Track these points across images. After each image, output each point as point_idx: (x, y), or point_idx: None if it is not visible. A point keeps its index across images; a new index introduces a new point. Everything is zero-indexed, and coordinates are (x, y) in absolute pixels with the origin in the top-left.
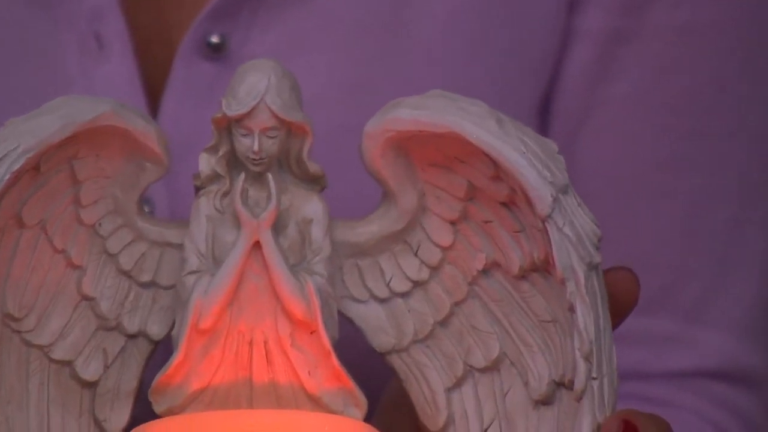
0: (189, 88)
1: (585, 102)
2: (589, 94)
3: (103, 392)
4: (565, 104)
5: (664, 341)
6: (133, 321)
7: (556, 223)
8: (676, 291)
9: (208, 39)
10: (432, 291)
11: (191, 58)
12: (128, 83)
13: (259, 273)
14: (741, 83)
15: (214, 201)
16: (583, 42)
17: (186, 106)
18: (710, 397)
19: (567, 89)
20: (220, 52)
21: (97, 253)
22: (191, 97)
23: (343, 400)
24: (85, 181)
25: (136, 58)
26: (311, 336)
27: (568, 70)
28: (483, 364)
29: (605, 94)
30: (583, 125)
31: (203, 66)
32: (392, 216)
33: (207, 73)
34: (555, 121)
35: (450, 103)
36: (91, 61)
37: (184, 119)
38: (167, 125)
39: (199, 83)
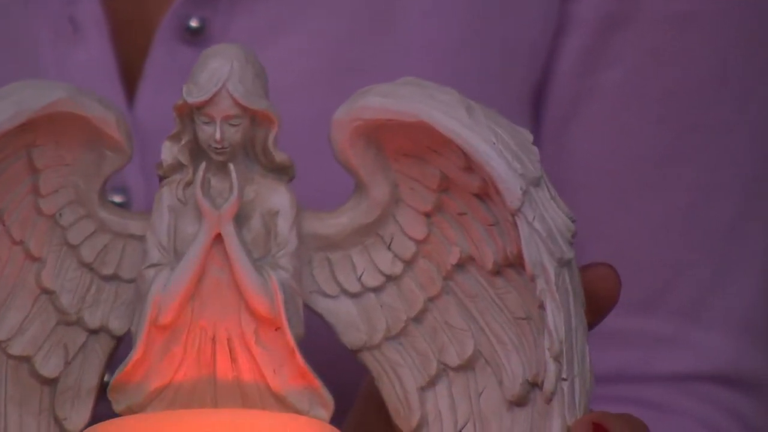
0: (167, 73)
1: (578, 91)
2: (582, 82)
3: (63, 390)
4: (557, 93)
5: (659, 343)
6: (95, 316)
7: (525, 217)
8: (672, 290)
9: (187, 23)
10: (405, 286)
11: (170, 43)
12: (105, 69)
13: (222, 267)
14: (741, 75)
15: (176, 191)
16: (576, 29)
17: (164, 91)
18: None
19: (560, 78)
20: (199, 36)
21: (57, 244)
22: (169, 83)
23: (309, 400)
24: (44, 170)
25: (113, 43)
26: (275, 333)
27: (562, 57)
28: (457, 363)
29: (598, 82)
30: (576, 115)
31: (182, 50)
32: (363, 208)
33: (186, 57)
34: (547, 110)
35: (419, 91)
36: (66, 45)
37: (162, 105)
38: (144, 111)
39: (178, 68)
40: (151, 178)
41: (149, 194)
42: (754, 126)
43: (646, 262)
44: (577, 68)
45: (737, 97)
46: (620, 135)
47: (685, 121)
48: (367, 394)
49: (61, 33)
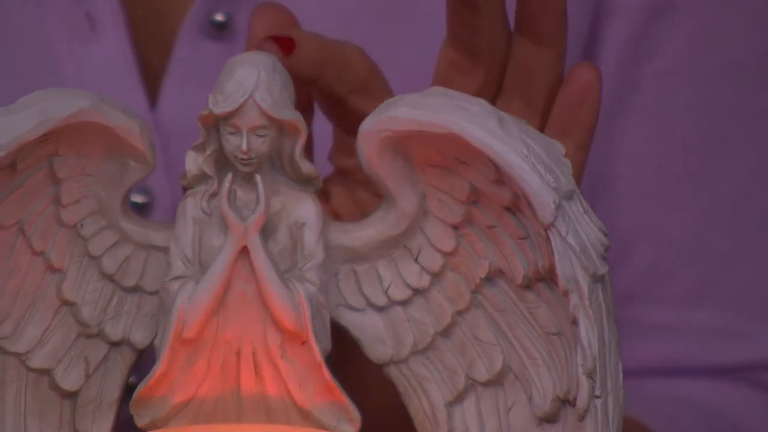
0: (192, 70)
1: (623, 81)
2: (626, 72)
3: (84, 403)
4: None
5: (709, 335)
6: (117, 328)
7: (558, 231)
8: (720, 281)
9: (212, 18)
10: (433, 299)
11: (194, 38)
12: (123, 66)
13: (247, 280)
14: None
15: (201, 202)
16: (618, 18)
17: (189, 89)
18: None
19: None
20: (224, 30)
21: (78, 255)
22: (194, 80)
23: (335, 415)
24: (65, 180)
25: (131, 39)
26: (302, 347)
27: (605, 48)
28: (486, 378)
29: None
30: (621, 106)
31: (207, 46)
32: (391, 219)
33: (211, 53)
34: None
35: (449, 102)
36: (82, 42)
37: (187, 103)
38: (169, 109)
39: (203, 64)
40: (174, 178)
41: (172, 194)
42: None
43: (694, 253)
44: (622, 58)
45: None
46: (666, 124)
47: (731, 108)
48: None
49: (77, 29)
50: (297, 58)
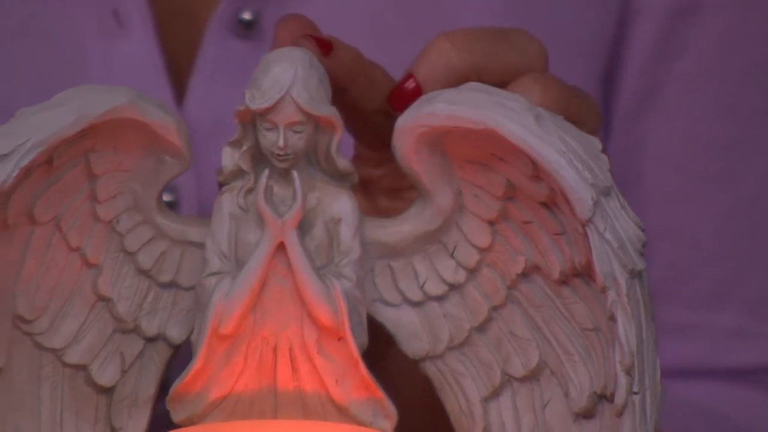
0: (219, 68)
1: (649, 81)
2: (651, 71)
3: (120, 398)
4: (627, 83)
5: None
6: (152, 323)
7: (596, 227)
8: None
9: (239, 15)
10: (469, 294)
11: (222, 36)
12: (150, 63)
13: (284, 276)
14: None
15: (237, 198)
16: (643, 18)
17: (216, 86)
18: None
19: (628, 68)
20: (252, 29)
21: (114, 251)
22: (221, 78)
23: (372, 411)
24: (101, 176)
25: (158, 37)
26: (339, 343)
27: (632, 48)
28: (522, 373)
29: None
30: (647, 106)
31: (234, 44)
32: (427, 215)
33: (238, 52)
34: (618, 101)
35: (487, 98)
36: (109, 39)
37: (214, 101)
38: (196, 107)
39: (230, 63)
40: (201, 176)
41: (199, 192)
42: None
43: (715, 253)
44: (649, 58)
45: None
46: (689, 124)
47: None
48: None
49: (104, 26)
50: (333, 60)
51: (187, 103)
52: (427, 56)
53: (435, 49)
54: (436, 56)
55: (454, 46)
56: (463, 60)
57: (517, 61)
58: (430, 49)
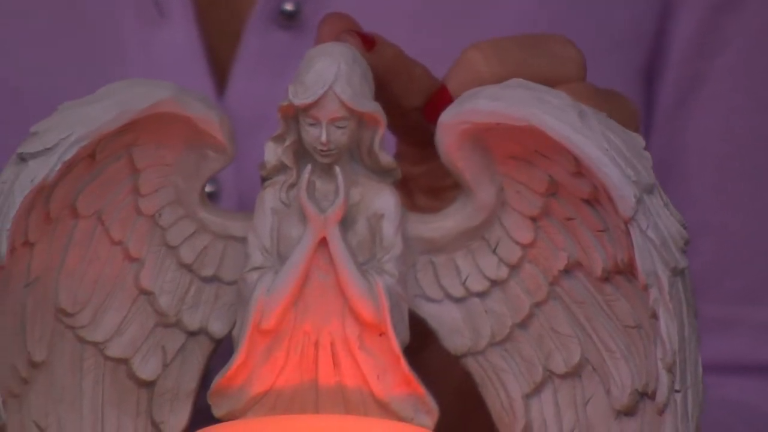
0: (261, 59)
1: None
2: (692, 66)
3: (161, 392)
4: (669, 79)
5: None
6: (194, 317)
7: (639, 225)
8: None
9: (281, 7)
10: (511, 291)
11: (264, 27)
12: (191, 53)
13: (326, 271)
14: None
15: (279, 193)
16: (685, 13)
17: (258, 78)
18: None
19: (670, 62)
20: (294, 20)
21: (156, 245)
22: (264, 69)
23: (413, 407)
24: (144, 170)
25: (199, 27)
26: (380, 338)
27: (673, 42)
28: (563, 370)
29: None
30: (688, 101)
31: (276, 35)
32: (469, 211)
33: (280, 42)
34: (659, 96)
35: (529, 94)
36: (150, 29)
37: (256, 92)
38: (237, 98)
39: (272, 54)
40: (242, 168)
41: (238, 184)
42: None
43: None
44: (690, 53)
45: None
46: (731, 120)
47: None
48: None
49: (145, 16)
50: (375, 56)
51: (229, 95)
52: (458, 68)
53: (466, 60)
54: (468, 68)
55: (485, 57)
56: (495, 72)
57: (551, 70)
58: (462, 61)
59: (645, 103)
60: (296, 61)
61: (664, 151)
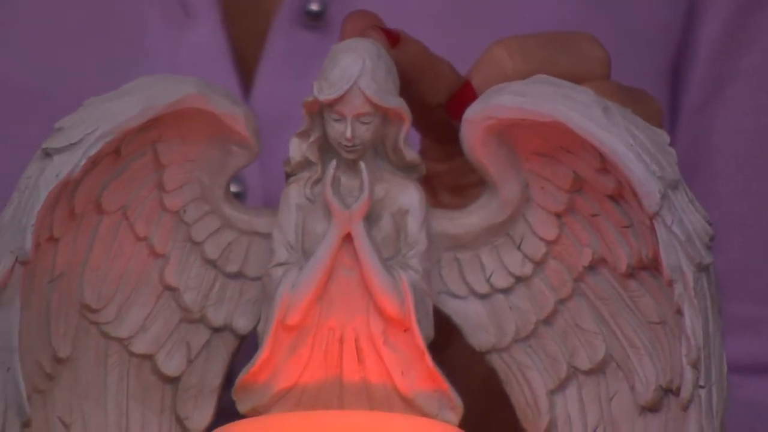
0: (286, 59)
1: (717, 75)
2: (719, 66)
3: (186, 388)
4: (695, 78)
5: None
6: (219, 313)
7: (664, 220)
8: None
9: (307, 7)
10: (535, 287)
11: (289, 27)
12: (217, 53)
13: (351, 267)
14: None
15: (304, 189)
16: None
17: (283, 77)
18: None
19: (696, 60)
20: (319, 20)
21: (181, 241)
22: (289, 69)
23: (437, 403)
24: (169, 166)
25: (225, 27)
26: (405, 334)
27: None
28: (588, 366)
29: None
30: (714, 100)
31: (302, 35)
32: (494, 207)
33: (306, 43)
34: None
35: (555, 90)
36: (177, 29)
37: (281, 92)
38: (263, 98)
39: (297, 54)
40: (267, 167)
41: (264, 183)
42: None
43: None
44: (716, 52)
45: None
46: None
47: None
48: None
49: (171, 16)
50: (400, 52)
51: (254, 95)
52: (482, 65)
53: (491, 57)
54: (492, 65)
55: (510, 54)
56: (519, 69)
57: (575, 68)
58: (486, 58)
59: (670, 103)
60: (321, 62)
61: (690, 149)
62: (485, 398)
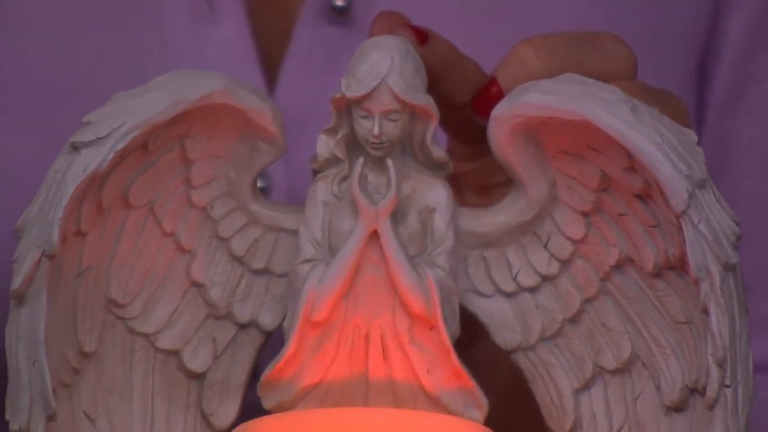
0: (312, 54)
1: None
2: (744, 65)
3: (211, 384)
4: (721, 78)
5: None
6: (245, 310)
7: (691, 219)
8: None
9: (332, 2)
10: (562, 286)
11: (314, 23)
12: (242, 49)
13: (377, 264)
14: None
15: (331, 186)
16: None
17: (308, 73)
18: None
19: (721, 62)
20: (344, 15)
21: (208, 237)
22: (314, 64)
23: (463, 401)
24: (196, 161)
25: (250, 22)
26: (431, 332)
27: (725, 42)
28: (614, 366)
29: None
30: (740, 100)
31: (327, 31)
32: (521, 205)
33: (331, 38)
34: (711, 95)
35: (582, 89)
36: (201, 24)
37: (306, 87)
38: (288, 94)
39: (322, 49)
40: (292, 163)
41: (289, 179)
42: None
43: None
44: (741, 52)
45: None
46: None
47: None
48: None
49: (197, 13)
50: (428, 50)
51: (279, 90)
52: (509, 62)
53: (517, 55)
54: (519, 63)
55: (536, 52)
56: (545, 67)
57: (601, 68)
58: (513, 55)
59: (697, 102)
60: (346, 57)
61: (717, 149)
62: (510, 397)
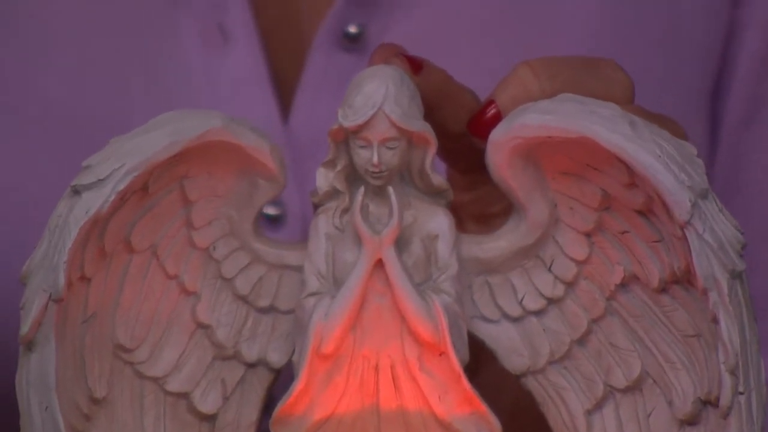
0: (325, 81)
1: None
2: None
3: (222, 425)
4: (734, 98)
5: None
6: (252, 349)
7: (695, 229)
8: None
9: (345, 29)
10: (568, 308)
11: (328, 49)
12: (255, 76)
13: (383, 293)
14: None
15: (333, 218)
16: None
17: (322, 100)
18: None
19: (736, 80)
20: (357, 42)
21: (211, 277)
22: (328, 91)
23: (476, 426)
24: (196, 202)
25: (264, 49)
26: (440, 358)
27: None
28: (624, 384)
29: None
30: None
31: (340, 57)
32: (522, 230)
33: (344, 64)
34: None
35: (580, 107)
36: (215, 53)
37: (320, 114)
38: (302, 121)
39: (336, 76)
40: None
41: (304, 207)
42: None
43: None
44: (755, 72)
45: None
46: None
47: None
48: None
49: (210, 41)
50: (424, 79)
51: (293, 117)
52: (508, 84)
53: (516, 77)
54: (517, 84)
55: (536, 75)
56: (545, 89)
57: (600, 92)
58: (512, 77)
59: (711, 121)
60: None
61: (730, 169)
62: (513, 424)
